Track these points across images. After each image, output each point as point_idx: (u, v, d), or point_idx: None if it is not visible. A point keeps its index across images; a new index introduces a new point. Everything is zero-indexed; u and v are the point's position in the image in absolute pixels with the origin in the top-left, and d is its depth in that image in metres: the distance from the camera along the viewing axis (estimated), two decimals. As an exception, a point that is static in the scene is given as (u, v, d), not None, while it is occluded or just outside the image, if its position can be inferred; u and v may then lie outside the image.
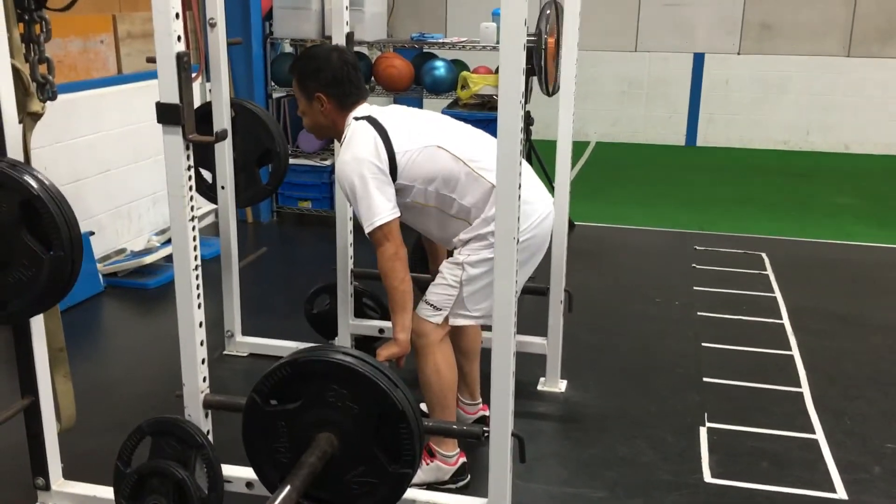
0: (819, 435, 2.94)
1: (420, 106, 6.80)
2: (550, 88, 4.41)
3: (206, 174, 3.46)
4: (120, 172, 4.55)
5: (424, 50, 5.53)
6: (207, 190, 3.46)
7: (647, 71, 8.71)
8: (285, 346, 3.40)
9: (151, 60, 2.05)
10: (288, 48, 5.77)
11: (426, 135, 2.50)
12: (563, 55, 2.99)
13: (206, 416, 2.24)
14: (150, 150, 4.70)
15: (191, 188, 2.10)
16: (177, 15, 1.98)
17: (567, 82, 3.01)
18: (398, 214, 2.44)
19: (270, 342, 3.52)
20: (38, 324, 2.27)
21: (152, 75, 4.57)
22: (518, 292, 2.48)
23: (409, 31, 7.26)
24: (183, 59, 1.99)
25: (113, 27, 4.44)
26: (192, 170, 2.10)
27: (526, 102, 4.55)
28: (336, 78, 2.54)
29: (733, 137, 8.61)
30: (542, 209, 2.53)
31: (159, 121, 2.04)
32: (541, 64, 4.24)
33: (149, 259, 4.31)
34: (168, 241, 4.55)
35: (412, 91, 5.38)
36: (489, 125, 4.97)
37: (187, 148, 2.07)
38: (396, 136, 2.47)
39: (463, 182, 2.46)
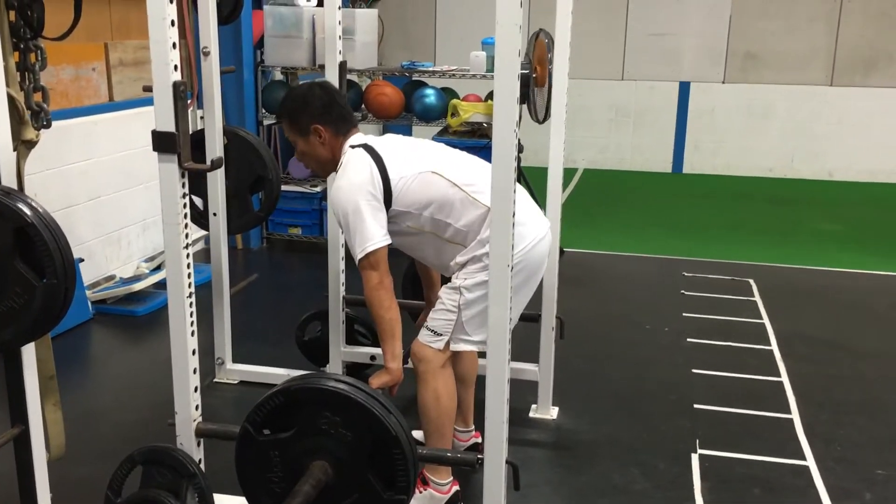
0: (810, 461, 2.95)
1: (409, 133, 6.86)
2: (540, 116, 4.46)
3: (198, 201, 3.46)
4: (110, 199, 4.55)
5: (414, 78, 5.57)
6: (199, 217, 3.46)
7: (634, 99, 8.81)
8: (276, 374, 3.39)
9: (148, 89, 2.07)
10: (279, 76, 5.81)
11: (421, 161, 2.53)
12: (555, 84, 3.03)
13: (199, 444, 2.23)
14: (141, 176, 4.70)
15: (186, 215, 2.10)
16: (173, 45, 2.00)
17: (558, 110, 3.04)
18: (388, 242, 2.46)
19: (261, 369, 3.51)
20: (29, 352, 2.25)
21: (143, 103, 4.63)
22: (516, 318, 2.50)
23: (399, 59, 7.33)
24: (179, 88, 2.01)
25: (105, 55, 4.46)
26: (187, 197, 2.11)
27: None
28: (325, 105, 2.57)
29: (719, 165, 8.70)
30: (536, 231, 2.54)
31: (155, 149, 2.04)
32: (529, 92, 4.29)
33: (138, 286, 4.29)
34: (157, 268, 4.55)
35: (402, 118, 5.42)
36: (479, 152, 5.00)
37: (183, 176, 2.08)
38: (392, 163, 2.49)
39: (458, 207, 2.48)
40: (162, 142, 2.03)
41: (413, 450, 1.88)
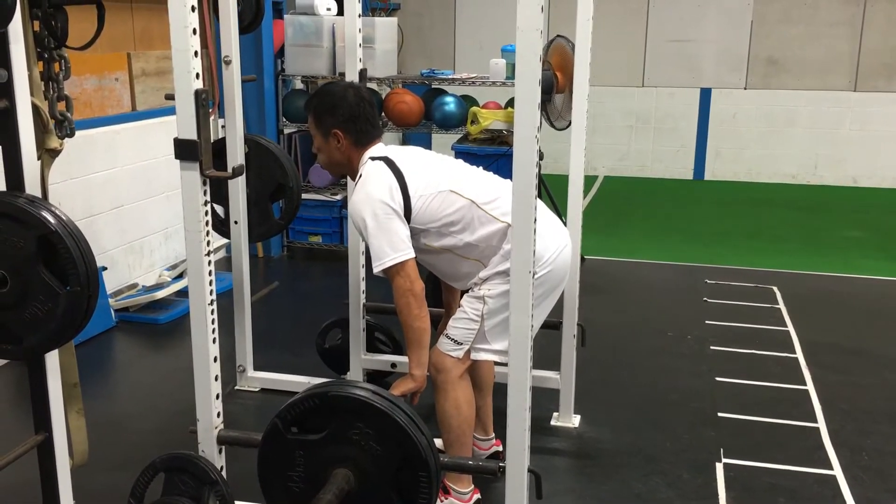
0: (837, 471, 2.91)
1: (429, 141, 6.86)
2: (559, 123, 4.44)
3: (219, 209, 3.48)
4: (133, 208, 4.58)
5: (434, 86, 5.58)
6: (220, 225, 3.48)
7: (655, 106, 8.77)
8: (297, 381, 3.39)
9: (170, 97, 2.08)
10: (299, 84, 5.84)
11: (440, 179, 2.53)
12: (575, 90, 3.01)
13: (220, 451, 2.23)
14: (163, 185, 4.73)
15: (207, 223, 2.11)
16: (195, 53, 2.01)
17: (578, 117, 3.03)
18: (411, 255, 2.44)
19: (282, 377, 3.51)
20: (52, 359, 2.27)
21: (165, 112, 4.66)
22: (537, 327, 2.49)
23: (418, 67, 7.34)
24: (201, 96, 2.02)
25: (128, 65, 4.50)
26: (209, 205, 2.11)
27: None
28: (352, 115, 2.56)
29: (741, 171, 8.63)
30: (557, 243, 2.53)
31: (177, 157, 2.05)
32: (548, 98, 4.28)
33: (160, 294, 4.32)
34: (179, 276, 4.57)
35: (422, 126, 5.42)
36: (499, 160, 5.04)
37: (204, 184, 2.08)
38: (412, 179, 2.49)
39: (475, 225, 2.47)
40: (184, 150, 2.04)
41: (438, 472, 1.87)
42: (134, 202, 4.59)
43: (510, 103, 5.37)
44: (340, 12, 5.35)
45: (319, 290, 5.14)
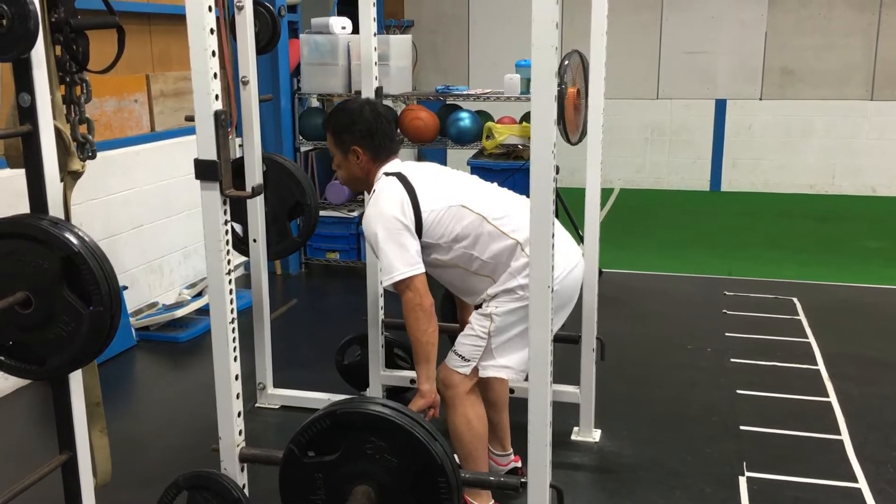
0: (862, 484, 2.88)
1: (444, 156, 6.89)
2: (573, 138, 4.44)
3: (238, 227, 3.51)
4: (152, 227, 4.63)
5: (448, 102, 5.61)
6: (239, 243, 3.50)
7: (670, 117, 8.76)
8: (317, 398, 3.40)
9: (190, 119, 2.11)
10: (315, 103, 5.88)
11: (451, 194, 2.54)
12: (591, 104, 3.02)
13: (242, 469, 2.24)
14: (182, 205, 4.77)
15: (227, 242, 2.13)
16: (214, 75, 2.03)
17: (594, 130, 3.03)
18: (420, 271, 2.45)
19: (302, 394, 3.52)
20: (76, 379, 2.29)
21: (184, 132, 4.70)
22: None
23: (432, 83, 7.39)
24: (220, 117, 2.04)
25: (146, 87, 4.56)
26: (229, 224, 2.13)
27: (551, 151, 4.60)
28: (370, 130, 2.59)
29: (758, 182, 8.59)
30: (568, 261, 2.53)
31: (198, 177, 2.08)
32: (561, 113, 4.28)
33: (180, 312, 4.35)
34: (199, 295, 4.60)
35: (437, 142, 5.44)
36: (515, 174, 5.05)
37: (224, 203, 2.10)
38: (424, 195, 2.50)
39: (485, 240, 2.48)
40: (204, 170, 2.06)
41: (457, 476, 1.87)
42: (153, 222, 4.63)
43: (525, 118, 5.38)
44: (355, 31, 5.40)
45: (338, 306, 5.15)
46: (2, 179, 3.31)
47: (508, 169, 5.07)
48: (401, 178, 2.54)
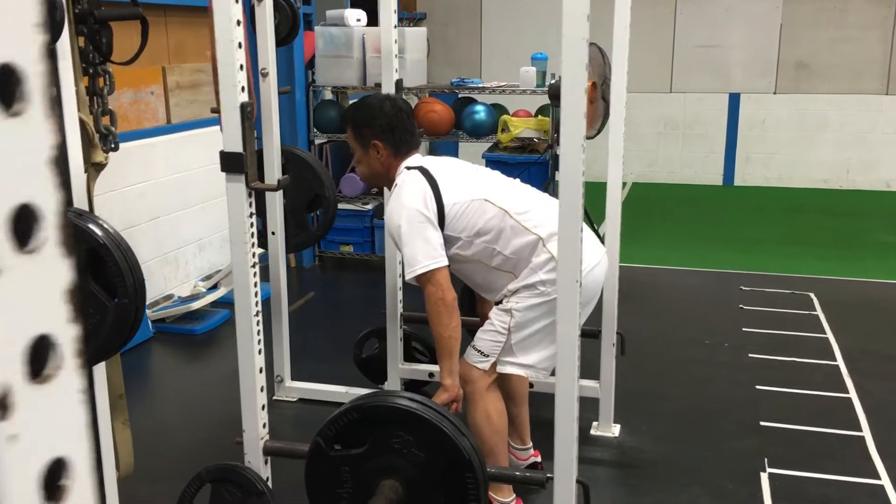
0: (885, 480, 2.86)
1: (455, 150, 6.87)
2: (588, 132, 4.42)
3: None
4: (168, 220, 4.63)
5: (462, 95, 5.58)
6: (257, 236, 3.49)
7: (683, 111, 8.71)
8: (335, 391, 3.39)
9: (216, 111, 2.10)
10: (329, 95, 5.87)
11: (474, 188, 2.53)
12: (613, 97, 3.00)
13: (266, 462, 2.24)
14: (197, 197, 4.77)
15: (253, 234, 2.12)
16: (241, 66, 2.02)
17: (616, 124, 3.01)
18: (444, 263, 2.44)
19: (319, 387, 3.52)
20: (100, 371, 2.29)
21: (199, 124, 4.69)
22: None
23: (444, 76, 7.37)
24: (246, 109, 2.03)
25: (163, 79, 4.55)
26: (254, 216, 2.13)
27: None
28: (390, 125, 2.57)
29: (772, 176, 8.55)
30: (590, 259, 2.51)
31: (223, 169, 2.07)
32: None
33: (196, 305, 4.35)
34: (214, 287, 4.60)
35: (452, 135, 5.42)
36: (530, 168, 5.02)
37: (250, 195, 2.10)
38: (446, 188, 2.49)
39: (507, 234, 2.47)
40: (230, 162, 2.05)
41: (484, 472, 1.86)
42: (169, 214, 4.63)
43: (541, 111, 5.36)
44: (370, 23, 5.39)
45: (353, 299, 5.15)
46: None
47: (524, 162, 5.05)
48: (423, 171, 2.52)
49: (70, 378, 0.37)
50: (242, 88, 2.03)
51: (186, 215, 4.77)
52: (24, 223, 0.32)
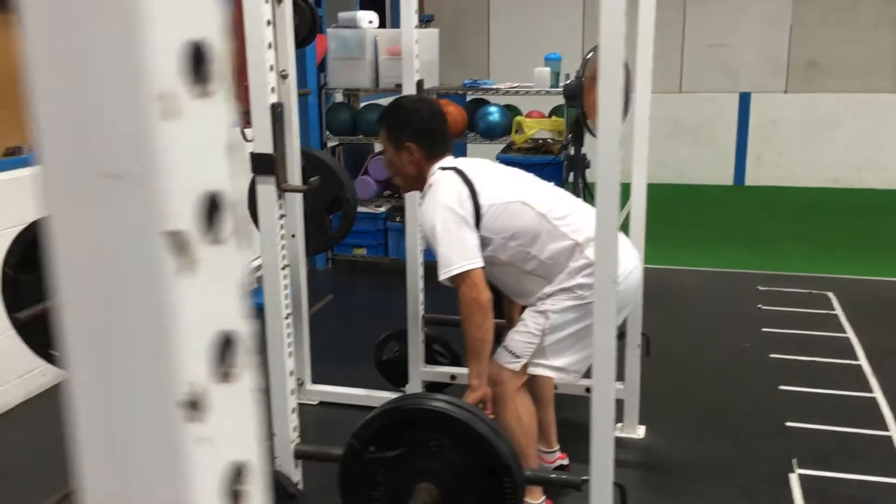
0: (915, 481, 2.84)
1: (464, 151, 6.85)
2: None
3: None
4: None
5: (474, 96, 5.56)
6: (276, 238, 3.48)
7: (693, 112, 8.68)
8: (356, 394, 3.38)
9: (246, 113, 2.08)
10: (340, 97, 5.86)
11: (510, 190, 2.50)
12: (638, 97, 2.98)
13: (297, 465, 2.22)
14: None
15: (283, 237, 2.11)
16: (271, 67, 2.01)
17: (641, 124, 2.99)
18: (479, 265, 2.41)
19: (340, 390, 3.50)
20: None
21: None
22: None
23: (453, 77, 7.33)
24: (277, 110, 2.02)
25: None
26: (284, 218, 2.11)
27: (581, 145, 4.57)
28: (426, 128, 2.55)
29: (783, 176, 8.51)
30: (626, 265, 2.48)
31: (253, 171, 2.05)
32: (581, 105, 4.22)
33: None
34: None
35: (463, 137, 5.41)
36: (544, 168, 5.00)
37: (280, 197, 2.08)
38: (483, 189, 2.46)
39: (544, 239, 2.44)
40: (260, 164, 2.04)
41: (522, 475, 1.84)
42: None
43: (554, 112, 5.34)
44: (381, 25, 5.37)
45: (369, 302, 5.13)
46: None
47: (539, 163, 5.02)
48: (458, 171, 2.50)
49: (250, 377, 0.35)
50: (272, 89, 2.01)
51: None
52: (211, 212, 0.31)
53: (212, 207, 0.31)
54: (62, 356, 0.31)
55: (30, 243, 2.04)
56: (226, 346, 0.33)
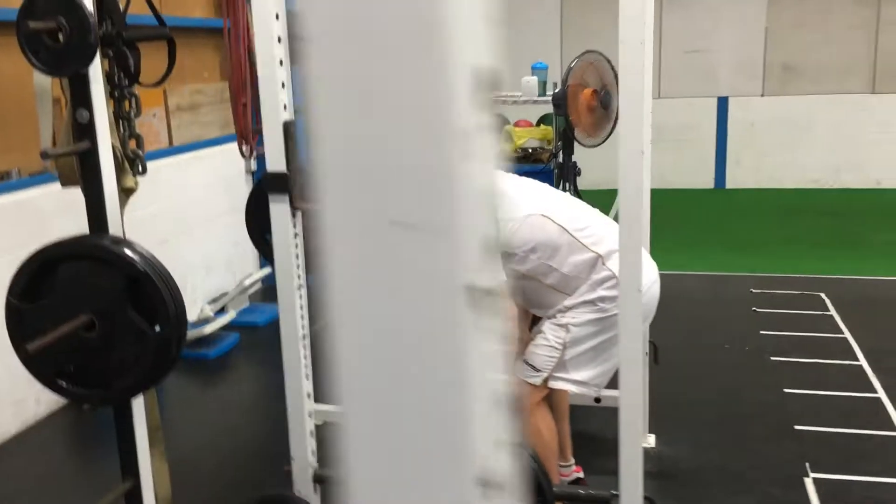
0: (928, 480, 2.84)
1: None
2: (586, 140, 4.37)
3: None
4: (174, 243, 4.53)
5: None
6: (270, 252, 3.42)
7: (672, 117, 8.72)
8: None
9: (258, 132, 2.04)
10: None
11: (530, 203, 2.47)
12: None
13: (316, 490, 2.17)
14: (201, 219, 4.69)
15: (298, 255, 2.06)
16: (282, 84, 1.97)
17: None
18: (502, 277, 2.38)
19: (344, 409, 3.44)
20: (139, 404, 2.21)
21: (200, 146, 4.61)
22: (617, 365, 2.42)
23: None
24: (290, 128, 1.98)
25: (164, 101, 4.47)
26: (299, 237, 2.07)
27: (572, 153, 4.56)
28: None
29: (763, 178, 8.58)
30: (649, 276, 2.46)
31: (267, 190, 2.01)
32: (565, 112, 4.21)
33: (209, 329, 4.26)
34: (221, 311, 4.52)
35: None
36: (537, 177, 4.98)
37: (294, 216, 2.04)
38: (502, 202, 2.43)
39: (564, 252, 2.41)
40: (274, 183, 2.00)
41: (552, 492, 1.81)
42: (175, 237, 4.54)
43: (542, 120, 5.34)
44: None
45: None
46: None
47: (528, 172, 4.99)
48: None
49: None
50: (285, 107, 1.97)
51: (191, 238, 4.68)
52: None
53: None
54: (338, 403, 0.28)
55: (35, 272, 1.98)
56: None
